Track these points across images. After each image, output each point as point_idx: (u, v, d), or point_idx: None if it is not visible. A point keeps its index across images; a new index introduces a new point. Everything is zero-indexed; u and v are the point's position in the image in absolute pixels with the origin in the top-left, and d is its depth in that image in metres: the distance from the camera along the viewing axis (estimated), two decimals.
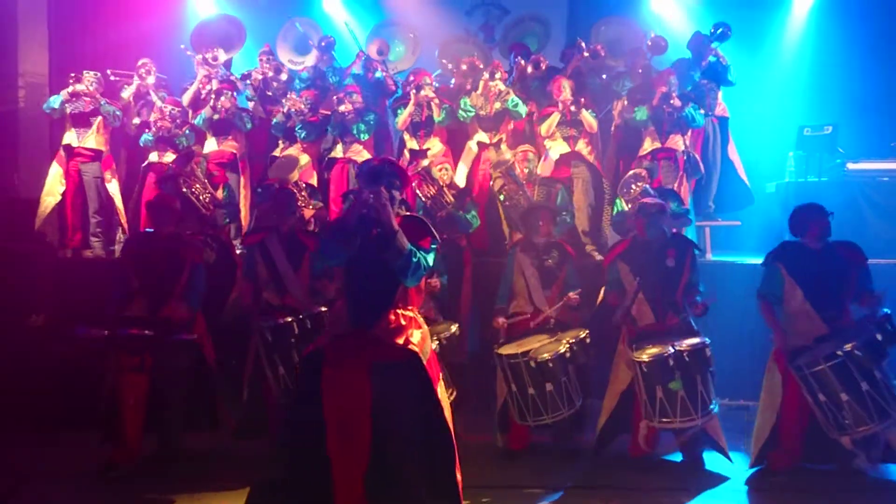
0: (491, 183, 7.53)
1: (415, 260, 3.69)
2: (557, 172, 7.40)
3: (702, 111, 7.39)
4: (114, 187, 7.76)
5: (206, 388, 5.50)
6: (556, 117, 7.41)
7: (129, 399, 5.11)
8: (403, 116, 7.80)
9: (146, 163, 7.83)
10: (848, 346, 4.62)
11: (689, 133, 7.38)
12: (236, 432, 5.56)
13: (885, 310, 4.83)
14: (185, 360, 5.27)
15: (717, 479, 5.11)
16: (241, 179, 7.93)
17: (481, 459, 5.25)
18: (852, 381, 4.62)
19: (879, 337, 4.65)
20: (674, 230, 5.74)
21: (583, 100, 7.41)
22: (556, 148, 7.44)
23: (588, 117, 7.39)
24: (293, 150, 7.86)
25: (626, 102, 7.69)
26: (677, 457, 5.40)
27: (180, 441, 5.43)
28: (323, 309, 5.37)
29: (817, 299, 4.94)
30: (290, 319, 5.27)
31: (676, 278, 5.25)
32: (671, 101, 7.15)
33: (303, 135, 7.83)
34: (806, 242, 5.09)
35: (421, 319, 3.96)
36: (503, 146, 7.65)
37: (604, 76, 8.08)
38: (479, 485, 4.64)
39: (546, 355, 5.17)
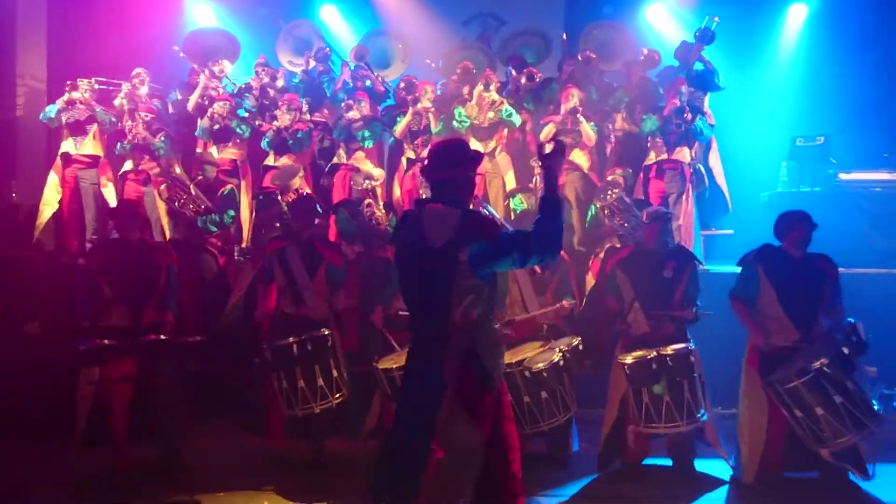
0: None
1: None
2: None
3: (711, 124, 7.45)
4: (109, 192, 7.79)
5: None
6: (551, 127, 7.49)
7: (118, 406, 5.14)
8: (402, 125, 7.85)
9: (121, 171, 7.81)
10: (817, 364, 4.62)
11: (696, 145, 7.43)
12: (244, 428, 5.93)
13: (850, 319, 4.87)
14: (172, 365, 5.30)
15: (708, 487, 5.13)
16: (243, 185, 7.97)
17: None
18: (826, 395, 4.62)
19: (846, 350, 4.67)
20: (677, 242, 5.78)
21: (580, 108, 7.46)
22: None
23: (587, 129, 7.45)
24: (285, 160, 7.88)
25: (624, 115, 7.75)
26: (669, 462, 5.43)
27: (182, 445, 5.40)
28: (325, 332, 5.33)
29: (791, 305, 4.94)
30: (291, 341, 5.25)
31: (673, 290, 5.27)
32: (684, 115, 7.20)
33: (296, 149, 7.86)
34: (787, 248, 5.09)
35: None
36: (500, 155, 7.70)
37: (595, 87, 8.11)
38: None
39: (540, 365, 5.16)
